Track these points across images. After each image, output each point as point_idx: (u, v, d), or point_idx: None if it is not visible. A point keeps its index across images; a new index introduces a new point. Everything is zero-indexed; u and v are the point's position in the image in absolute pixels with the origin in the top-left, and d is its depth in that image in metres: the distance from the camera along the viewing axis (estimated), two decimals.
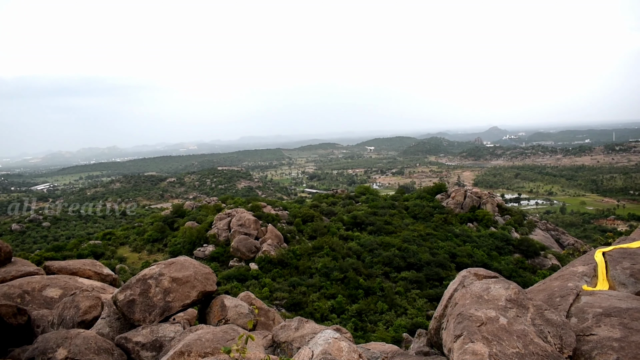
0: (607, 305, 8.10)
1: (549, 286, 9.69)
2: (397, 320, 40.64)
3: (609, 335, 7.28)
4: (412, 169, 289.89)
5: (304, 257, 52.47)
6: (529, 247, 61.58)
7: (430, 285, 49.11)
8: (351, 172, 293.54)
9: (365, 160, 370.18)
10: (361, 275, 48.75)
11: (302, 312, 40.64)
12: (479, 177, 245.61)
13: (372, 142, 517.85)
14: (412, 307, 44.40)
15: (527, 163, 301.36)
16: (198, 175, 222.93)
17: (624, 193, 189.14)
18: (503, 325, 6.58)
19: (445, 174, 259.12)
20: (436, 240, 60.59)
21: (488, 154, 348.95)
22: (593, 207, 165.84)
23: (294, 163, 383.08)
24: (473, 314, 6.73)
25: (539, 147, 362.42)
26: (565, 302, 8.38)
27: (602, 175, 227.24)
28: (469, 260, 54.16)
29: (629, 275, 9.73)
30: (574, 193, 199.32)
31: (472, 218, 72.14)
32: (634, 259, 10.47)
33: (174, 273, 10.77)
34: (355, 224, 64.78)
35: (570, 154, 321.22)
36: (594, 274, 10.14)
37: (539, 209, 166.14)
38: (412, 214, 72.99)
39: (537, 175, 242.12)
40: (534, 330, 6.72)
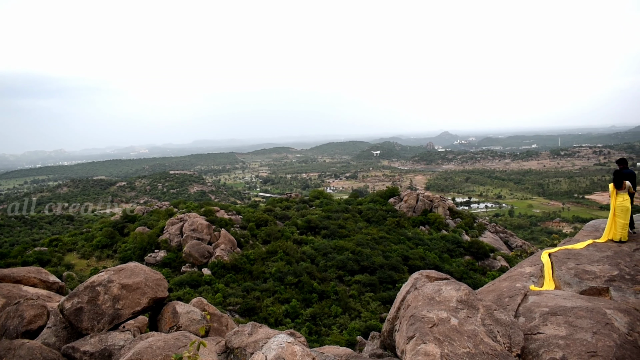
0: (553, 305, 8.34)
1: (498, 287, 9.92)
2: (351, 323, 40.82)
3: (555, 334, 7.49)
4: (365, 173, 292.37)
5: (258, 262, 52.11)
6: (479, 249, 63.01)
7: (383, 288, 49.55)
8: (305, 176, 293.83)
9: (320, 165, 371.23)
10: (315, 279, 48.76)
11: (256, 317, 40.33)
12: (431, 181, 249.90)
13: (327, 147, 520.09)
14: (366, 310, 44.69)
15: (477, 167, 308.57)
16: (149, 179, 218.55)
17: (569, 196, 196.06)
18: (454, 326, 6.69)
19: (398, 178, 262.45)
20: (389, 244, 61.21)
21: (439, 159, 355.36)
22: (540, 209, 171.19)
23: (247, 167, 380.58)
24: (425, 316, 6.82)
25: (489, 152, 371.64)
26: (514, 302, 8.59)
27: (548, 179, 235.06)
28: (421, 262, 54.95)
29: (574, 275, 10.06)
30: (521, 196, 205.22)
31: (424, 221, 73.25)
32: (578, 259, 10.84)
33: (124, 279, 10.50)
34: (309, 228, 64.81)
35: (518, 159, 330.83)
36: (541, 274, 10.45)
37: (489, 212, 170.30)
38: (365, 217, 73.57)
39: (486, 179, 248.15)
40: (484, 330, 6.85)
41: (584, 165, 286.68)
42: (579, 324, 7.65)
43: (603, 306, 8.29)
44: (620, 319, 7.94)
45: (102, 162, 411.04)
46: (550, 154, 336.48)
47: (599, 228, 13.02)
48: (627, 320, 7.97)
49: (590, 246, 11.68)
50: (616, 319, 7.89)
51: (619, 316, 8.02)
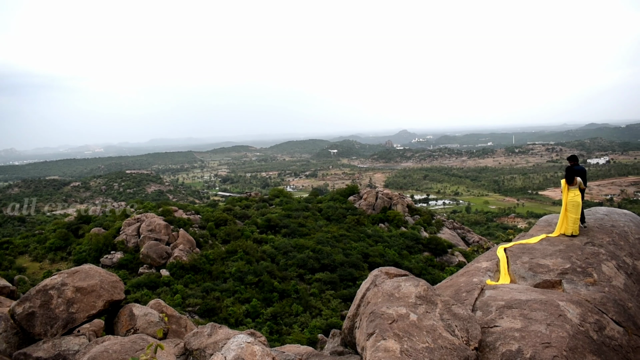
0: (509, 298, 8.53)
1: (456, 282, 10.09)
2: (312, 321, 40.87)
3: (511, 326, 7.67)
4: (325, 171, 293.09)
5: (218, 262, 51.59)
6: (438, 245, 64.02)
7: (344, 285, 49.80)
8: (265, 175, 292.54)
9: (279, 163, 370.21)
10: (276, 278, 48.62)
11: (216, 317, 39.92)
12: (390, 178, 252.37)
13: (286, 145, 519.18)
14: (327, 307, 44.83)
15: (434, 165, 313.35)
16: (105, 179, 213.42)
17: (523, 192, 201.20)
18: (413, 322, 6.76)
19: (358, 176, 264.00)
20: (349, 241, 61.55)
21: (398, 157, 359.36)
22: (495, 206, 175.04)
23: (206, 166, 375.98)
24: (385, 312, 6.87)
25: (446, 150, 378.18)
26: (471, 297, 8.75)
27: (504, 175, 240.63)
28: (381, 259, 55.44)
29: (528, 269, 10.32)
30: (478, 193, 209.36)
31: (384, 219, 73.93)
32: (532, 253, 11.13)
33: (78, 282, 10.22)
34: (269, 227, 64.55)
35: (475, 156, 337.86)
36: (497, 268, 10.68)
37: (446, 208, 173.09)
38: (325, 215, 73.76)
39: (444, 177, 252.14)
40: (443, 325, 6.95)
41: (537, 162, 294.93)
42: (533, 316, 7.86)
43: (556, 298, 8.53)
44: (573, 311, 8.19)
45: (55, 162, 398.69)
46: (505, 151, 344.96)
47: (552, 223, 13.40)
48: (579, 312, 8.23)
49: (543, 240, 12.01)
50: (569, 311, 8.13)
51: (572, 308, 8.27)
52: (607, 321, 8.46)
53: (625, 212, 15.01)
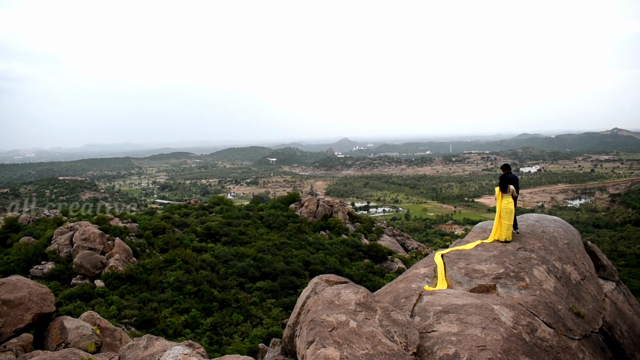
0: (446, 303, 8.71)
1: (395, 288, 10.22)
2: (253, 330, 40.44)
3: (448, 331, 7.82)
4: (266, 178, 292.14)
5: (155, 271, 50.27)
6: (378, 252, 64.81)
7: (285, 293, 49.57)
8: (205, 182, 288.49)
9: (220, 170, 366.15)
10: (216, 288, 47.84)
11: (154, 329, 38.84)
12: (331, 186, 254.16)
13: (227, 152, 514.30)
14: (268, 316, 44.47)
15: (375, 173, 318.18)
16: (36, 185, 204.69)
17: (460, 200, 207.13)
18: (353, 329, 6.78)
19: (299, 183, 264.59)
20: (290, 249, 61.39)
21: (339, 164, 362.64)
22: (434, 213, 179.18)
23: (144, 173, 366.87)
24: (325, 320, 6.86)
25: (386, 158, 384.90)
26: (410, 302, 8.88)
27: (441, 183, 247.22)
28: (322, 267, 55.56)
29: (464, 274, 10.58)
30: (417, 200, 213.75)
31: (325, 226, 74.23)
32: (468, 259, 11.42)
33: (5, 295, 9.71)
34: (209, 235, 63.54)
35: (414, 165, 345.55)
36: (434, 274, 10.89)
37: (386, 215, 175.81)
38: (266, 223, 73.33)
39: (384, 184, 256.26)
40: (382, 331, 7.01)
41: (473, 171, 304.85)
42: (469, 320, 8.05)
43: (491, 302, 8.79)
44: (506, 314, 8.45)
45: None
46: (442, 160, 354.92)
47: (487, 229, 13.83)
48: (512, 315, 8.50)
49: (478, 246, 12.37)
50: (502, 314, 8.39)
51: (505, 311, 8.53)
52: (538, 323, 8.78)
53: (555, 218, 15.68)
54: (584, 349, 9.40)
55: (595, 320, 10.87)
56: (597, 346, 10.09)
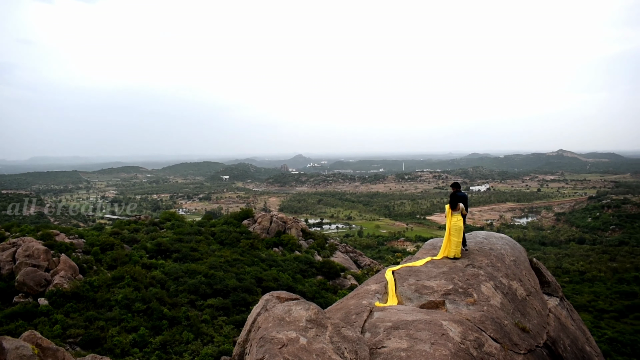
0: (396, 319, 8.79)
1: (346, 305, 10.25)
2: (204, 349, 39.65)
3: (397, 346, 7.88)
4: (219, 194, 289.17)
5: (103, 289, 48.76)
6: (331, 268, 64.88)
7: (237, 311, 48.90)
8: (156, 197, 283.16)
9: (172, 185, 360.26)
10: (165, 305, 46.76)
11: (100, 348, 37.57)
12: (285, 202, 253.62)
13: (179, 167, 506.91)
14: (219, 334, 43.71)
15: (329, 190, 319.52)
16: None
17: (412, 217, 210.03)
18: (303, 345, 6.75)
19: (252, 199, 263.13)
20: (243, 266, 60.73)
21: (293, 181, 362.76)
22: (386, 230, 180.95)
23: (93, 187, 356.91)
24: (275, 337, 6.81)
25: (340, 175, 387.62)
26: (360, 319, 8.91)
27: (394, 201, 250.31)
28: (274, 284, 55.14)
29: (414, 291, 10.71)
30: (370, 217, 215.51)
31: (278, 242, 73.88)
32: (418, 275, 11.58)
33: None
34: (159, 252, 62.20)
35: (367, 182, 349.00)
36: (385, 291, 10.98)
37: (340, 232, 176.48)
38: (219, 239, 72.41)
39: (337, 201, 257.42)
40: (332, 348, 7.01)
41: (425, 189, 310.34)
42: (418, 336, 8.14)
43: (440, 318, 8.92)
44: (455, 329, 8.59)
45: None
46: (395, 177, 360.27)
47: (437, 246, 14.07)
48: (460, 330, 8.64)
49: (428, 263, 12.56)
50: (451, 330, 8.52)
51: (454, 327, 8.67)
52: (485, 338, 8.95)
53: (502, 235, 16.09)
54: None
55: (540, 334, 11.17)
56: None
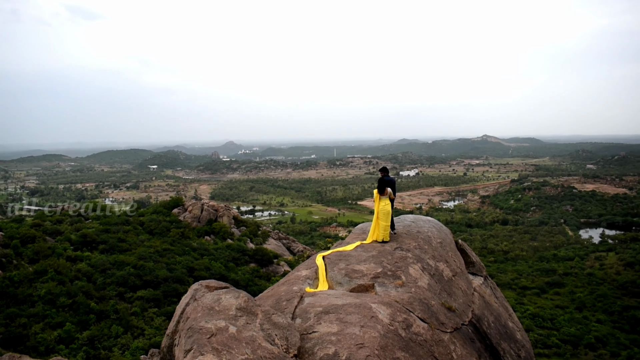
0: (326, 304, 8.86)
1: (277, 291, 10.24)
2: (134, 342, 38.73)
3: (328, 331, 7.95)
4: (148, 183, 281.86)
5: (24, 284, 46.54)
6: (264, 256, 64.81)
7: (168, 302, 48.01)
8: (81, 186, 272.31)
9: (97, 174, 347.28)
10: (93, 299, 45.26)
11: (23, 347, 35.96)
12: (216, 190, 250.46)
13: (105, 155, 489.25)
14: (150, 326, 42.80)
15: (261, 176, 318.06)
16: None
17: (344, 202, 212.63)
18: (233, 334, 6.69)
19: (183, 187, 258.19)
20: (173, 256, 59.65)
21: (224, 168, 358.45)
22: (319, 216, 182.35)
23: (11, 177, 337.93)
24: (203, 326, 6.71)
25: (272, 162, 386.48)
26: (291, 305, 8.93)
27: (326, 187, 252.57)
28: (207, 273, 54.51)
29: (344, 275, 10.84)
30: (302, 204, 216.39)
31: (210, 231, 72.99)
32: (348, 260, 11.71)
33: None
34: (85, 243, 60.01)
35: (299, 168, 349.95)
36: (316, 276, 11.05)
37: (272, 219, 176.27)
38: (148, 229, 70.66)
39: (270, 188, 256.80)
40: (263, 335, 6.98)
41: (356, 174, 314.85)
42: (348, 319, 8.25)
43: (369, 301, 9.07)
44: (384, 312, 8.76)
45: None
46: (327, 163, 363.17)
47: (366, 230, 14.28)
48: (389, 312, 8.82)
49: (358, 247, 12.74)
50: (380, 312, 8.69)
51: (382, 309, 8.85)
52: (413, 319, 9.19)
53: (429, 219, 16.55)
54: (455, 341, 9.97)
55: (465, 313, 11.58)
56: (467, 337, 10.74)
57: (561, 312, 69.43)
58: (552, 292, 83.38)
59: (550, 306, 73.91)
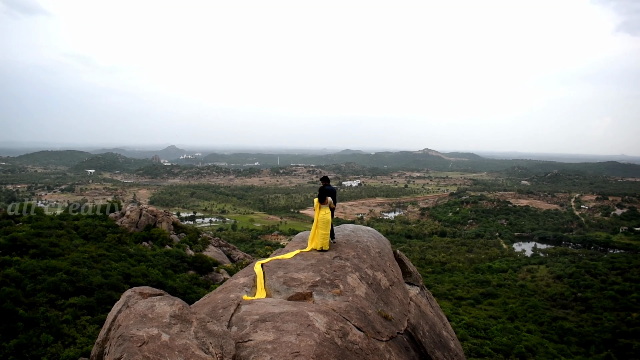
0: (263, 312, 8.83)
1: (214, 299, 10.12)
2: (65, 351, 37.22)
3: (264, 339, 7.92)
4: (84, 185, 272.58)
5: None
6: (203, 263, 63.83)
7: (102, 309, 46.41)
8: (11, 187, 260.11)
9: (30, 175, 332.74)
10: (21, 306, 43.28)
11: None
12: (156, 195, 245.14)
13: (39, 155, 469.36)
14: (83, 335, 41.25)
15: (202, 182, 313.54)
16: None
17: (286, 211, 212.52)
18: (165, 342, 6.56)
19: (121, 191, 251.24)
20: (109, 262, 57.84)
21: (165, 173, 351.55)
22: (260, 223, 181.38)
23: None
24: (134, 334, 6.54)
25: (214, 168, 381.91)
26: (227, 313, 8.84)
27: (269, 195, 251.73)
28: (143, 280, 53.14)
29: (282, 283, 10.83)
30: (244, 211, 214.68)
31: (148, 237, 71.29)
32: (287, 268, 11.72)
33: None
34: (14, 247, 57.31)
35: (242, 175, 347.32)
36: (254, 284, 11.00)
37: (213, 226, 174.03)
38: (82, 234, 68.25)
39: (211, 194, 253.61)
40: (197, 343, 6.87)
41: (299, 183, 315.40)
42: (285, 327, 8.24)
43: (306, 309, 9.10)
44: (320, 320, 8.80)
45: None
46: (270, 171, 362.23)
47: (306, 239, 14.33)
48: (325, 321, 8.87)
49: (297, 255, 12.77)
50: (317, 320, 8.72)
51: (319, 317, 8.89)
52: (350, 327, 9.27)
53: (369, 229, 16.78)
54: (390, 350, 10.12)
55: (401, 322, 11.79)
56: (402, 346, 10.93)
57: (494, 322, 71.64)
58: (486, 302, 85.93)
59: (484, 316, 76.14)
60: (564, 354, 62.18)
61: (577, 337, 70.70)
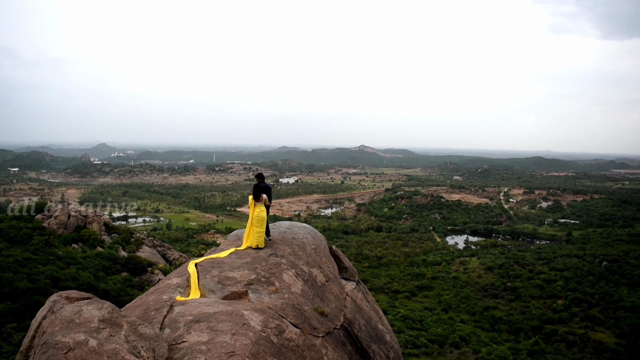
0: (197, 313, 8.67)
1: (145, 301, 9.85)
2: None
3: (198, 340, 7.78)
4: (7, 186, 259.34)
5: None
6: (137, 264, 62.19)
7: (30, 316, 44.38)
8: None
9: None
10: None
11: None
12: (86, 195, 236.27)
13: None
14: (8, 343, 39.33)
15: (135, 181, 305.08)
16: None
17: (222, 209, 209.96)
18: (93, 348, 6.32)
19: (48, 191, 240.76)
20: (36, 265, 55.36)
21: (95, 171, 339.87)
22: (196, 222, 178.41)
23: None
24: (60, 341, 6.27)
25: (147, 166, 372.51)
26: (160, 315, 8.63)
27: (204, 193, 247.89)
28: (74, 283, 51.18)
29: (217, 282, 10.68)
30: (179, 210, 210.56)
31: (77, 238, 68.72)
32: (222, 267, 11.57)
33: None
34: None
35: (177, 173, 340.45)
36: (188, 284, 10.79)
37: (147, 226, 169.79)
38: (7, 237, 64.97)
39: (145, 193, 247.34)
40: (127, 348, 6.67)
41: (235, 181, 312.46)
42: (220, 327, 8.13)
43: (241, 308, 9.01)
44: (256, 318, 8.75)
45: None
46: (206, 169, 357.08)
47: (241, 237, 14.19)
48: (261, 319, 8.82)
49: (232, 254, 12.63)
50: (252, 319, 8.66)
51: (255, 316, 8.83)
52: (286, 325, 9.26)
53: (305, 225, 16.81)
54: (327, 345, 10.19)
55: (338, 317, 11.89)
56: (338, 341, 11.03)
57: (429, 314, 73.66)
58: (421, 295, 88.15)
59: (420, 308, 78.13)
60: (495, 341, 64.76)
61: (507, 325, 73.82)
